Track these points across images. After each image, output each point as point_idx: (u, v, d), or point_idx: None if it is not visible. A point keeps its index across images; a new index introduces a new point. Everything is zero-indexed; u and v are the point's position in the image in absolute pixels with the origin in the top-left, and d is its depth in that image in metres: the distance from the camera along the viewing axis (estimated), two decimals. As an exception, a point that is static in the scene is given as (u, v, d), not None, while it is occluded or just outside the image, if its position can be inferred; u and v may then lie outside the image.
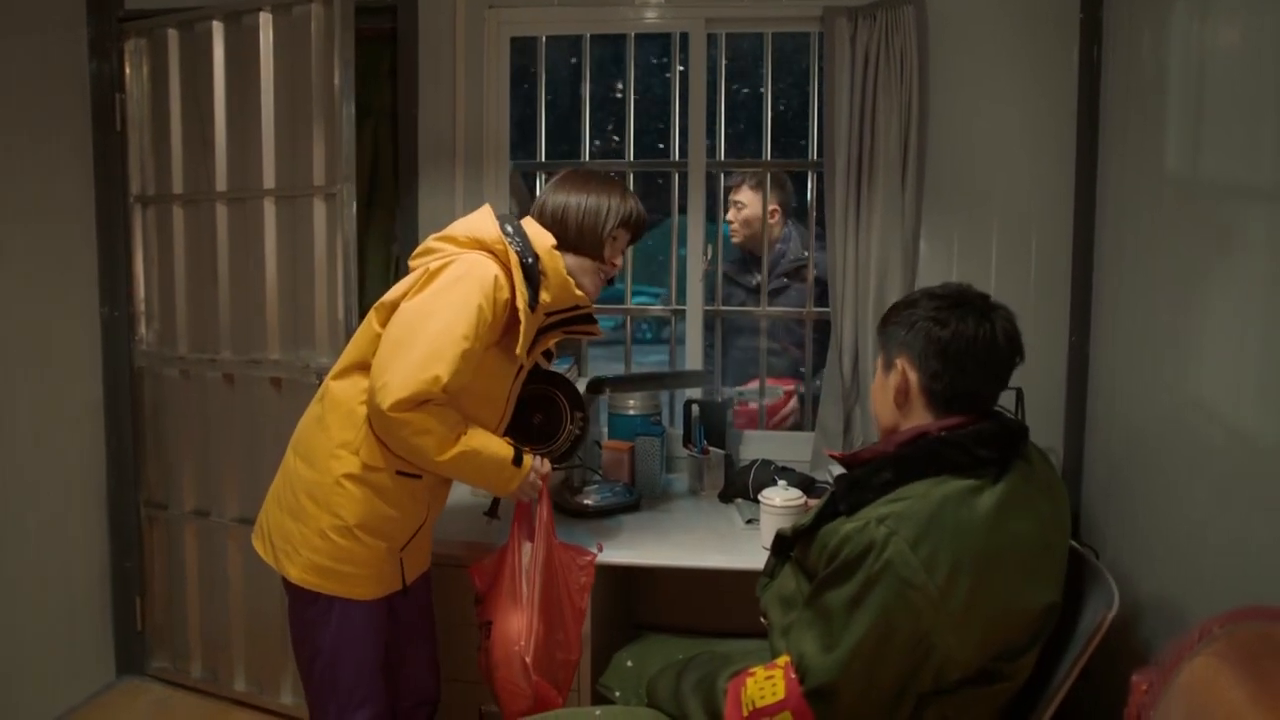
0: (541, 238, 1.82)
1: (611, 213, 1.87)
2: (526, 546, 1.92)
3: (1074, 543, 1.66)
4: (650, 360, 3.22)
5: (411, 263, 1.86)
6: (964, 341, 1.47)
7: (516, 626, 1.86)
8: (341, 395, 1.78)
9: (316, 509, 1.74)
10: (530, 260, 1.78)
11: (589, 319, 2.01)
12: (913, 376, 1.51)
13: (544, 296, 1.80)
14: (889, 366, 1.55)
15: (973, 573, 1.34)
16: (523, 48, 2.84)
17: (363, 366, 1.77)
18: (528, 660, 1.81)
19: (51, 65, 2.58)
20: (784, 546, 1.64)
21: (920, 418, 1.52)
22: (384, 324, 1.76)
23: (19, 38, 2.48)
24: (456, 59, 2.75)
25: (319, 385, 1.91)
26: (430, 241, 1.84)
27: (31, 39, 2.52)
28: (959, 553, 1.34)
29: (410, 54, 2.77)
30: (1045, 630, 1.45)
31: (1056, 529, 1.51)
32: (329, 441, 1.76)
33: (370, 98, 2.86)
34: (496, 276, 1.72)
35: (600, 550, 1.99)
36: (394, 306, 1.75)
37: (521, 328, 1.75)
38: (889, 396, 1.55)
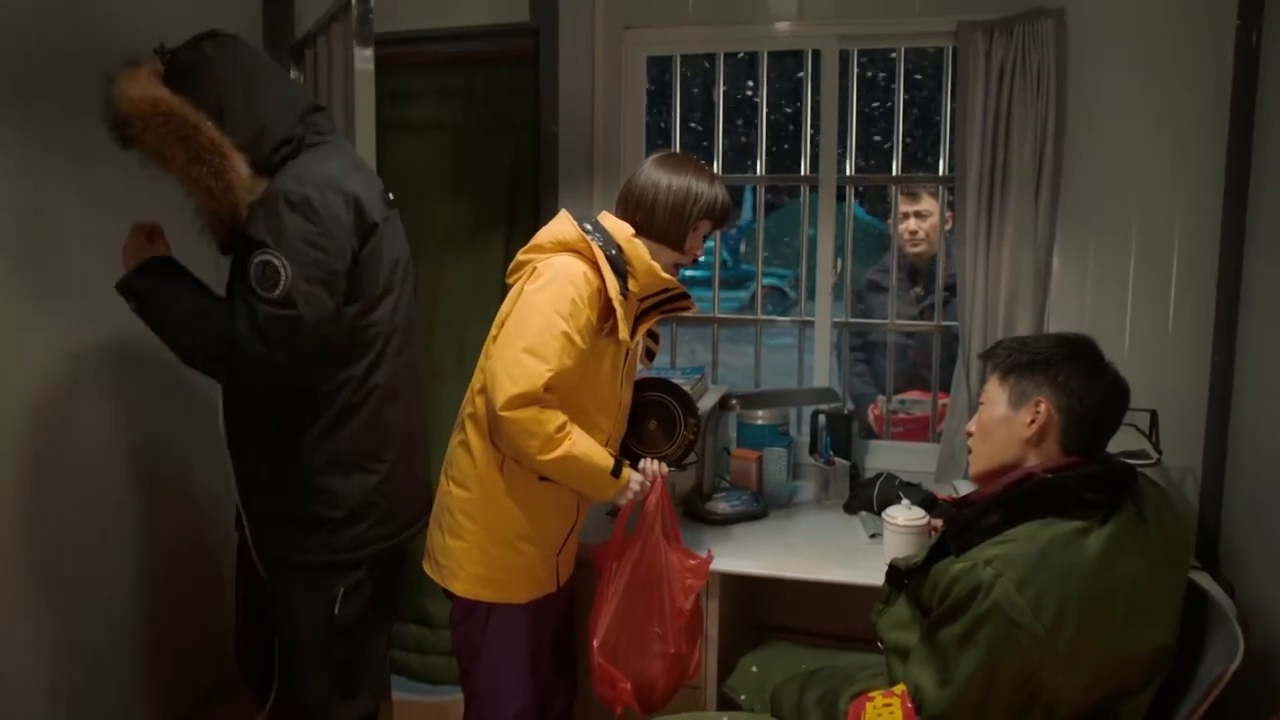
0: (619, 229, 1.89)
1: (700, 199, 1.91)
2: (626, 537, 2.02)
3: (1206, 578, 1.65)
4: (780, 343, 3.21)
5: (509, 280, 1.96)
6: (1112, 392, 1.56)
7: (596, 608, 1.99)
8: (481, 418, 1.89)
9: (473, 525, 1.90)
10: (614, 252, 1.86)
11: (684, 296, 2.03)
12: (1057, 418, 1.54)
13: (632, 285, 1.87)
14: (1021, 403, 1.58)
15: (1080, 614, 1.39)
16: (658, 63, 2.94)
17: None
18: (595, 643, 1.94)
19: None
20: (898, 575, 1.71)
21: (1045, 456, 1.56)
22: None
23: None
24: (595, 78, 2.88)
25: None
26: (519, 256, 1.93)
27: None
28: (1066, 594, 1.39)
29: (550, 73, 2.91)
30: (1159, 673, 1.48)
31: (1170, 570, 1.52)
32: (475, 463, 1.90)
33: (512, 115, 3.02)
34: (584, 271, 1.82)
35: (711, 557, 2.08)
36: (502, 324, 1.86)
37: (619, 315, 1.83)
38: (1018, 433, 1.57)
